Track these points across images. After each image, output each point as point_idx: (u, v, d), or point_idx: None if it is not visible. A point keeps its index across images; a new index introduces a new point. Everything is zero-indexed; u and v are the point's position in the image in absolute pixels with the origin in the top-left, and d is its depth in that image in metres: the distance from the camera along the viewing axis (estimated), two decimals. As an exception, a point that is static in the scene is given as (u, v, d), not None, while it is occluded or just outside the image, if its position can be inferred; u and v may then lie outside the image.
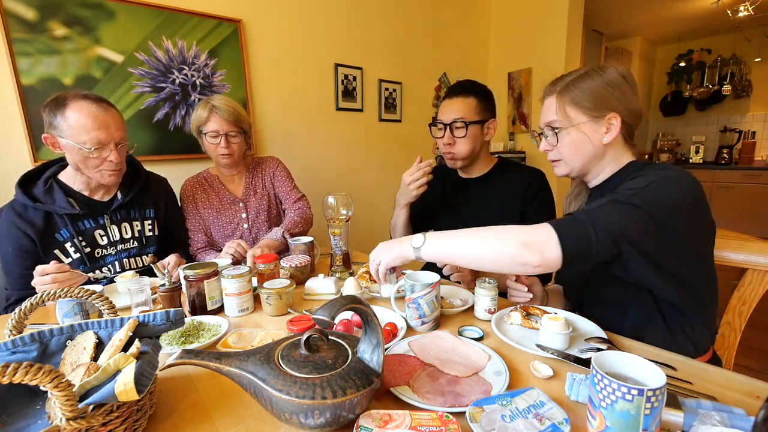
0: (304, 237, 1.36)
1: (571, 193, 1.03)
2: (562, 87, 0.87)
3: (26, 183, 1.17)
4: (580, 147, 0.87)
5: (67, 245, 1.18)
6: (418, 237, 0.80)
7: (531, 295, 0.97)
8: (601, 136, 0.85)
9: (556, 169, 0.95)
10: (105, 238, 1.24)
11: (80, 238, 1.19)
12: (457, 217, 1.39)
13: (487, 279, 0.93)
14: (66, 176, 1.22)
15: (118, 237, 1.27)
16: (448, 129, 1.26)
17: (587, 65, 0.88)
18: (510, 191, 1.31)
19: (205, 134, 1.44)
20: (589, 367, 0.54)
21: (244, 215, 1.55)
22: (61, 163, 1.23)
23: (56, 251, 1.16)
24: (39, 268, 0.99)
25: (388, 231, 2.95)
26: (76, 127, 1.08)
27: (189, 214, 1.51)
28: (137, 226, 1.31)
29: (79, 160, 1.13)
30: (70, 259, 1.18)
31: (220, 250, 1.37)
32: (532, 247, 0.69)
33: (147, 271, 1.28)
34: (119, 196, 1.27)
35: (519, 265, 0.71)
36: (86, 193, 1.22)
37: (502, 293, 1.00)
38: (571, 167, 0.91)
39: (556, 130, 0.89)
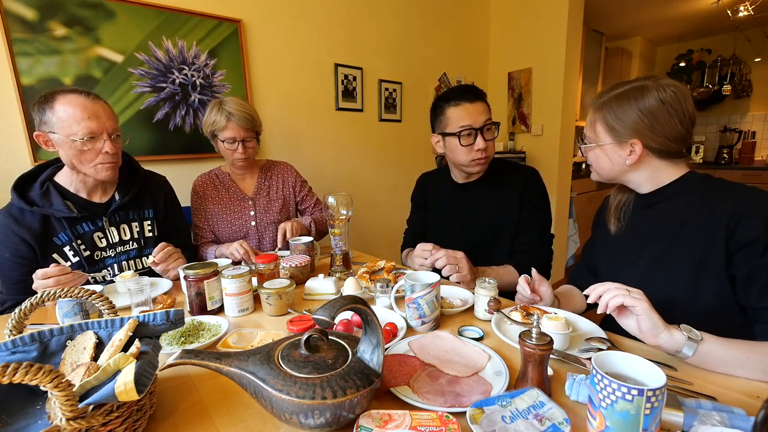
0: (304, 237, 1.37)
1: (617, 191, 1.02)
2: (601, 103, 0.88)
3: (22, 186, 1.15)
4: (601, 163, 0.92)
5: (66, 249, 1.16)
6: (686, 344, 0.67)
7: (538, 299, 0.96)
8: (623, 158, 0.87)
9: (591, 174, 1.00)
10: (104, 240, 1.23)
11: (79, 242, 1.17)
12: (456, 221, 1.38)
13: (487, 279, 0.93)
14: (62, 178, 1.20)
15: (117, 239, 1.25)
16: (479, 133, 1.21)
17: (639, 79, 0.86)
18: (507, 192, 1.30)
19: (222, 140, 1.47)
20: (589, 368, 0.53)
21: (252, 213, 1.58)
22: (57, 165, 1.21)
23: (55, 255, 1.15)
24: (40, 272, 0.98)
25: (388, 231, 2.96)
26: (66, 119, 1.07)
27: (197, 210, 1.55)
28: (136, 227, 1.29)
29: (73, 156, 1.11)
30: (69, 263, 1.16)
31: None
32: None
33: (147, 273, 1.28)
34: (117, 197, 1.25)
35: None
36: (84, 195, 1.21)
37: (503, 293, 1.00)
38: (599, 176, 0.96)
39: (584, 144, 0.94)
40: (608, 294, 0.70)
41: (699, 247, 0.81)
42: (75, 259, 1.17)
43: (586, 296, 0.75)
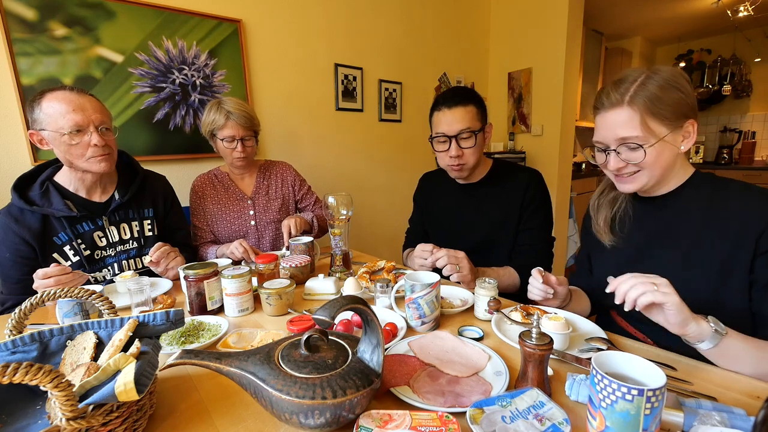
0: (304, 237, 1.37)
1: (601, 195, 0.98)
2: (631, 96, 0.78)
3: (22, 186, 1.15)
4: (662, 160, 0.81)
5: (66, 248, 1.16)
6: (711, 336, 0.67)
7: (551, 296, 0.90)
8: (678, 145, 0.81)
9: (626, 185, 0.85)
10: (104, 239, 1.23)
11: (79, 241, 1.18)
12: (457, 221, 1.38)
13: (487, 279, 0.93)
14: (62, 177, 1.20)
15: (117, 238, 1.25)
16: (453, 141, 1.21)
17: (635, 69, 0.82)
18: (509, 193, 1.30)
19: (221, 139, 1.48)
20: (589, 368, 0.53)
21: (251, 212, 1.59)
22: (57, 165, 1.21)
23: (55, 255, 1.15)
24: (40, 272, 0.98)
25: (388, 231, 2.95)
26: (52, 114, 1.08)
27: (196, 210, 1.55)
28: (136, 226, 1.30)
29: (64, 151, 1.11)
30: (69, 263, 1.16)
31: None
32: None
33: (147, 272, 1.28)
34: (117, 196, 1.25)
35: None
36: (83, 194, 1.21)
37: (502, 294, 1.00)
38: (652, 177, 0.83)
39: (642, 146, 0.79)
40: (634, 291, 0.66)
41: (727, 247, 0.78)
42: (75, 259, 1.17)
43: (607, 295, 0.71)
